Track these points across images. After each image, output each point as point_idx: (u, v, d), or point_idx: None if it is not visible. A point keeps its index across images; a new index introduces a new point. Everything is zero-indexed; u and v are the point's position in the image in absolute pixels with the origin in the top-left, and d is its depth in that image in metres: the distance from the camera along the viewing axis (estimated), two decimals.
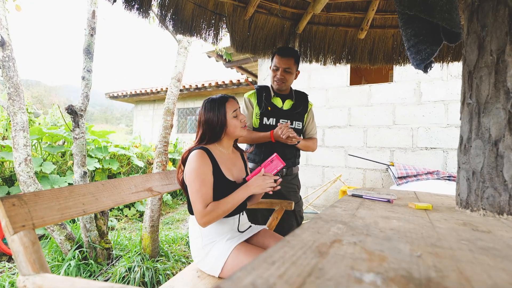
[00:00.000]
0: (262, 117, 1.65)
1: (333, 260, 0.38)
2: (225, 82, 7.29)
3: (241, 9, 1.85)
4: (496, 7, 0.77)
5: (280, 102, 1.70)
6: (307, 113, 1.76)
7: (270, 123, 1.65)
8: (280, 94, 1.70)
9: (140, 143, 5.32)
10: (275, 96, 1.70)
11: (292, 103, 1.71)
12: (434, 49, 1.10)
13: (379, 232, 0.54)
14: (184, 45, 2.55)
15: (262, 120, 1.65)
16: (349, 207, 0.79)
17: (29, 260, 0.72)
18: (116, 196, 1.12)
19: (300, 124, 1.71)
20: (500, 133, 0.73)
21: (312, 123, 1.80)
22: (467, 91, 0.83)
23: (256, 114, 1.66)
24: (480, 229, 0.61)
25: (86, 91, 2.26)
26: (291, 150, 1.70)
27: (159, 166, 2.39)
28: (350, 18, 2.02)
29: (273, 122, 1.66)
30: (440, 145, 3.06)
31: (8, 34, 2.01)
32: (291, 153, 1.71)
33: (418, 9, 1.05)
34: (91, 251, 2.19)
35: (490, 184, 0.74)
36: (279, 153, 1.62)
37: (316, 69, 3.78)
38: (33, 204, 0.83)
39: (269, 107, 1.65)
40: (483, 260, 0.42)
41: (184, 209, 4.65)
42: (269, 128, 1.64)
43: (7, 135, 3.49)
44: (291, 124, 1.68)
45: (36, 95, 33.84)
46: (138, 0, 1.56)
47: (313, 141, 1.78)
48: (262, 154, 1.66)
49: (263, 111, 1.64)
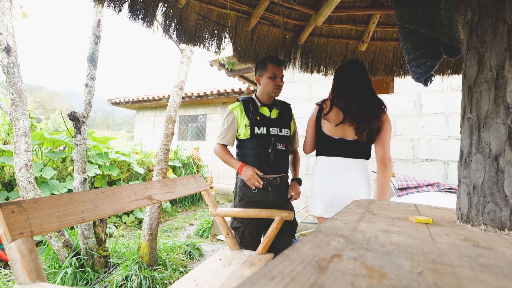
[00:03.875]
0: (252, 127, 1.67)
1: (333, 276, 0.37)
2: (226, 91, 7.34)
3: (244, 20, 1.88)
4: (495, 23, 0.79)
5: (268, 111, 1.75)
6: (292, 121, 1.84)
7: (262, 132, 1.68)
8: (266, 104, 1.75)
9: (141, 150, 5.32)
10: (262, 106, 1.75)
11: (278, 112, 1.77)
12: (434, 63, 1.11)
13: (380, 247, 0.54)
14: (187, 54, 2.58)
15: (253, 129, 1.67)
16: (349, 219, 0.79)
17: (26, 268, 0.71)
18: (115, 204, 1.12)
19: (288, 132, 1.77)
20: (501, 148, 0.73)
21: (296, 131, 1.92)
22: (467, 105, 0.84)
23: (245, 125, 1.68)
24: (481, 245, 0.60)
25: (89, 98, 2.28)
26: (285, 158, 1.77)
27: (159, 173, 2.38)
28: (351, 30, 2.05)
29: (264, 131, 1.69)
30: (440, 157, 3.06)
31: (14, 41, 2.04)
32: (285, 160, 1.78)
33: (418, 24, 1.06)
34: (88, 259, 2.17)
35: (491, 199, 0.74)
36: (273, 161, 1.66)
37: (317, 79, 3.81)
38: (32, 211, 0.82)
39: (258, 116, 1.69)
40: (484, 278, 0.41)
41: (183, 217, 4.61)
42: (261, 137, 1.67)
43: (8, 140, 3.50)
44: (280, 131, 1.73)
45: (38, 100, 34.10)
46: (143, 10, 1.59)
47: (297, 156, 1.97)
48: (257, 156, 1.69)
49: (253, 121, 1.68)
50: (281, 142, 1.72)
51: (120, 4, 1.50)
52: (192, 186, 1.75)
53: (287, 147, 1.76)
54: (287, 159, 1.79)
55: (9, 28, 2.03)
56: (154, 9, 1.62)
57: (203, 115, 8.61)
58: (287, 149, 1.77)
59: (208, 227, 3.72)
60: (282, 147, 1.72)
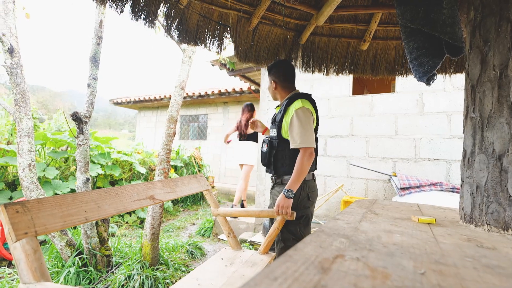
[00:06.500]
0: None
1: (336, 277, 0.37)
2: (228, 90, 7.34)
3: (245, 20, 1.88)
4: (498, 22, 0.78)
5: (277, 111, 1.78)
6: (285, 118, 1.61)
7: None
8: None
9: (143, 150, 5.34)
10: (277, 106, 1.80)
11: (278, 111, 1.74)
12: (436, 62, 1.10)
13: (382, 247, 0.54)
14: (189, 54, 2.58)
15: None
16: (351, 219, 0.79)
17: (30, 268, 0.72)
18: (118, 204, 1.13)
19: (275, 131, 1.67)
20: (504, 148, 0.72)
21: (290, 128, 1.56)
22: (470, 105, 0.83)
23: None
24: (484, 245, 0.60)
25: (91, 98, 2.29)
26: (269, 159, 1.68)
27: (161, 173, 2.39)
28: (352, 29, 2.04)
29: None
30: (443, 156, 3.05)
31: (17, 42, 2.05)
32: (272, 161, 1.67)
33: (420, 23, 1.06)
34: (91, 258, 2.18)
35: (494, 199, 0.73)
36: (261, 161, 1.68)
37: (318, 79, 3.80)
38: (36, 211, 0.83)
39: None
40: (488, 279, 0.41)
41: (185, 216, 4.62)
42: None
43: (11, 140, 3.52)
44: (272, 132, 1.72)
45: (41, 100, 34.26)
46: (145, 11, 1.59)
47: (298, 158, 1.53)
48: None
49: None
50: (265, 143, 1.71)
51: (122, 4, 1.50)
52: (194, 185, 1.76)
53: (271, 148, 1.67)
54: (275, 160, 1.66)
55: (12, 29, 2.04)
56: (156, 10, 1.62)
57: (205, 115, 8.62)
58: (271, 150, 1.66)
59: (210, 227, 3.73)
60: (264, 148, 1.71)
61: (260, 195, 3.88)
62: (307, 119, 1.55)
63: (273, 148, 1.67)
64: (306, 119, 1.54)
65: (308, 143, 1.52)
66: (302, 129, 1.52)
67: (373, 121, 3.44)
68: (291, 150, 1.59)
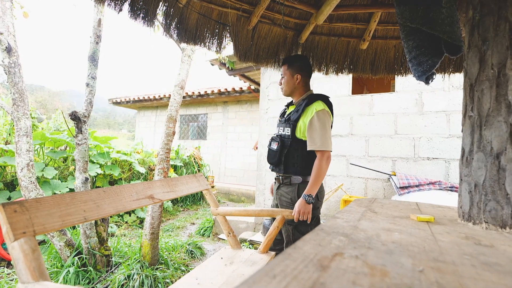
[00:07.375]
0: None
1: (334, 275, 0.38)
2: (227, 90, 7.34)
3: (244, 19, 1.88)
4: (496, 22, 0.78)
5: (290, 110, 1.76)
6: (303, 118, 1.60)
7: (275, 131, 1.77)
8: (293, 103, 1.79)
9: (142, 149, 5.33)
10: (291, 105, 1.80)
11: (292, 110, 1.72)
12: (435, 61, 1.10)
13: (381, 245, 0.54)
14: (188, 53, 2.58)
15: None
16: (351, 218, 0.79)
17: (29, 267, 0.72)
18: (117, 203, 1.12)
19: (288, 130, 1.63)
20: (502, 146, 0.73)
21: (310, 130, 1.54)
22: (469, 103, 0.84)
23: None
24: (483, 243, 0.60)
25: (90, 97, 2.28)
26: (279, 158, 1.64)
27: (160, 173, 2.39)
28: (352, 29, 2.04)
29: (277, 130, 1.77)
30: (442, 155, 3.05)
31: (15, 40, 2.05)
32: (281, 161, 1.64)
33: (419, 22, 1.06)
34: (90, 258, 2.18)
35: (492, 197, 0.74)
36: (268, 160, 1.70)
37: (318, 78, 3.80)
38: (35, 211, 0.83)
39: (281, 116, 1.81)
40: (486, 276, 0.41)
41: (185, 216, 4.62)
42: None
43: (10, 140, 3.51)
44: (283, 130, 1.67)
45: (40, 99, 34.17)
46: (144, 10, 1.59)
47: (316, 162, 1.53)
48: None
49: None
50: (275, 141, 1.69)
51: (121, 3, 1.50)
52: (194, 185, 1.76)
53: (282, 147, 1.64)
54: (286, 160, 1.64)
55: (10, 28, 2.04)
56: (155, 8, 1.62)
57: (204, 114, 8.61)
58: (282, 149, 1.64)
59: (210, 226, 3.73)
60: (274, 146, 1.68)
61: (260, 194, 3.88)
62: (328, 122, 1.56)
63: (284, 147, 1.64)
64: (327, 122, 1.55)
65: (327, 146, 1.52)
66: (323, 132, 1.52)
67: (373, 121, 3.44)
68: (304, 151, 1.58)
